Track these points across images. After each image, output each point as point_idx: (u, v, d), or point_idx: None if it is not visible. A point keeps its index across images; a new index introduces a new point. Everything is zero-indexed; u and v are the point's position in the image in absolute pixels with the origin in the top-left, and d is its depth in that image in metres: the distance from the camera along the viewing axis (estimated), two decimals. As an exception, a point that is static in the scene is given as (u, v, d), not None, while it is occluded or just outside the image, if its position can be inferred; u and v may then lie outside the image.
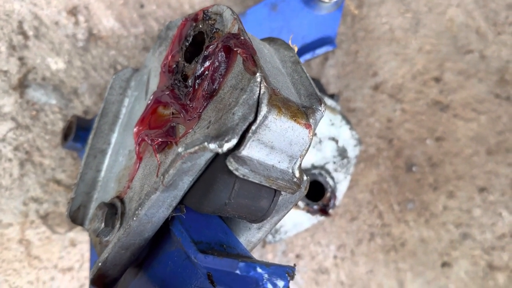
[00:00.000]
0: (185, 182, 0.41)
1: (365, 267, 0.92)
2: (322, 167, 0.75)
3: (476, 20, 0.95)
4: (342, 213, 0.91)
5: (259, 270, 0.37)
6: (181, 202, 0.43)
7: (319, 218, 0.75)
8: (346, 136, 0.75)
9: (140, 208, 0.41)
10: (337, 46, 0.86)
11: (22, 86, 0.78)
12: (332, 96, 0.74)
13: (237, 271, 0.37)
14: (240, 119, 0.38)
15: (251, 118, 0.38)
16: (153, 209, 0.41)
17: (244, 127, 0.38)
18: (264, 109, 0.38)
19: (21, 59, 0.77)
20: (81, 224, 0.57)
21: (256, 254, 0.88)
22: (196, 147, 0.37)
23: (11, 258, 0.79)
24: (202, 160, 0.39)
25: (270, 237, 0.75)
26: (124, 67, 0.80)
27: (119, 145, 0.57)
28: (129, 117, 0.57)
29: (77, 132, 0.69)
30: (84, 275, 0.82)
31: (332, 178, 0.75)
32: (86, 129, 0.69)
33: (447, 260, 0.96)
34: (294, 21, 0.74)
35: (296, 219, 0.75)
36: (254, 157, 0.40)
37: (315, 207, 0.74)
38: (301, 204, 0.74)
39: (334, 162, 0.75)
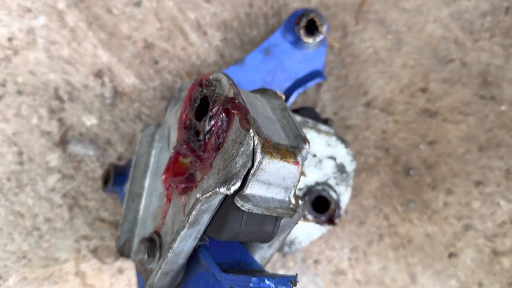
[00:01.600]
0: (205, 219, 0.53)
1: (378, 265, 1.02)
2: (325, 183, 0.86)
3: (453, 32, 1.05)
4: (351, 219, 1.02)
5: (267, 282, 0.48)
6: (204, 233, 0.56)
7: (327, 227, 0.86)
8: (342, 154, 0.86)
9: (173, 242, 0.53)
10: (327, 74, 0.98)
11: (63, 142, 0.92)
12: (326, 121, 0.86)
13: (251, 284, 0.49)
14: (241, 166, 0.50)
15: (249, 165, 0.50)
16: (183, 242, 0.54)
17: (245, 172, 0.50)
18: (258, 157, 0.50)
19: (60, 120, 0.92)
20: (128, 256, 0.70)
21: (278, 264, 0.99)
22: (210, 192, 0.50)
23: (70, 288, 0.93)
24: (216, 201, 0.52)
25: (287, 248, 0.87)
26: (147, 116, 0.94)
27: (151, 188, 0.70)
28: (157, 165, 0.70)
29: (115, 178, 0.82)
30: (133, 297, 0.96)
31: (335, 191, 0.86)
32: (122, 174, 0.82)
33: (453, 251, 1.05)
34: (286, 61, 0.86)
35: (308, 230, 0.87)
36: (256, 194, 0.52)
37: (323, 218, 0.85)
38: (310, 217, 0.85)
39: (335, 178, 0.86)
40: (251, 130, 0.51)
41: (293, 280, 0.50)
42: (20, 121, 0.90)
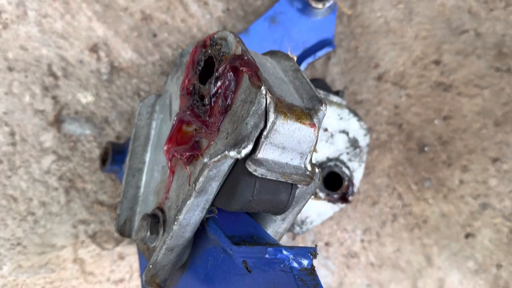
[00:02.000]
0: (214, 187, 0.48)
1: (392, 246, 0.97)
2: (337, 159, 0.81)
3: (467, 1, 1.00)
4: (363, 199, 0.97)
5: (285, 252, 0.43)
6: (213, 204, 0.51)
7: (340, 205, 0.81)
8: (355, 127, 0.81)
9: (179, 214, 0.48)
10: (337, 46, 0.92)
11: (58, 121, 0.86)
12: (337, 93, 0.81)
13: (267, 255, 0.43)
14: (253, 127, 0.45)
15: (261, 126, 0.45)
16: (190, 213, 0.49)
17: (257, 134, 0.45)
18: (272, 116, 0.45)
19: (54, 97, 0.86)
20: (129, 236, 0.65)
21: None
22: (219, 156, 0.45)
23: (69, 276, 0.88)
24: (225, 166, 0.46)
25: (297, 228, 0.82)
26: (146, 93, 0.88)
27: (153, 163, 0.65)
28: (158, 137, 0.65)
29: (114, 156, 0.77)
30: (135, 284, 0.91)
31: (348, 167, 0.81)
32: (121, 152, 0.77)
33: (470, 231, 1.00)
34: (294, 30, 0.81)
35: (320, 209, 0.82)
36: (269, 158, 0.47)
37: (335, 196, 0.80)
38: (322, 195, 0.80)
39: (348, 153, 0.81)
40: (263, 87, 0.46)
41: (313, 251, 0.45)
42: (12, 100, 0.85)
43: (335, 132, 0.80)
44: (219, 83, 0.52)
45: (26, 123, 0.85)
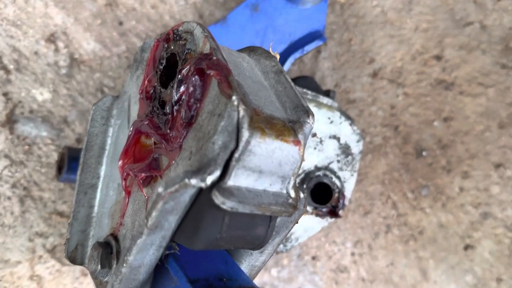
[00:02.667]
0: (171, 222, 0.38)
1: (385, 260, 0.89)
2: (327, 168, 0.71)
3: (473, -11, 0.90)
4: (355, 208, 0.88)
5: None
6: (172, 240, 0.41)
7: (329, 220, 0.72)
8: (348, 132, 0.72)
9: (128, 254, 0.38)
10: (328, 38, 0.82)
11: (10, 121, 0.76)
12: (327, 93, 0.71)
13: (236, 314, 0.34)
14: (221, 148, 0.36)
15: (232, 146, 0.35)
16: (142, 253, 0.39)
17: (226, 156, 0.35)
18: (245, 134, 0.35)
19: (5, 94, 0.75)
20: (81, 263, 0.55)
21: (271, 262, 0.86)
22: (177, 186, 0.35)
23: (24, 295, 0.79)
24: (186, 196, 0.37)
25: (281, 246, 0.73)
26: (111, 89, 0.78)
27: (108, 178, 0.55)
28: (115, 148, 0.55)
29: (70, 163, 0.67)
30: (100, 303, 0.81)
31: (338, 177, 0.72)
32: (78, 159, 0.67)
33: (469, 242, 0.92)
34: (279, 20, 0.70)
35: (306, 224, 0.72)
36: (242, 185, 0.38)
37: (324, 210, 0.71)
38: (309, 208, 0.71)
39: (338, 161, 0.72)
40: (234, 97, 0.36)
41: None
42: (-45, 96, 0.74)
43: (325, 138, 0.71)
44: (182, 88, 0.42)
45: (-27, 123, 0.74)
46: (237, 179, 0.36)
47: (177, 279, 0.41)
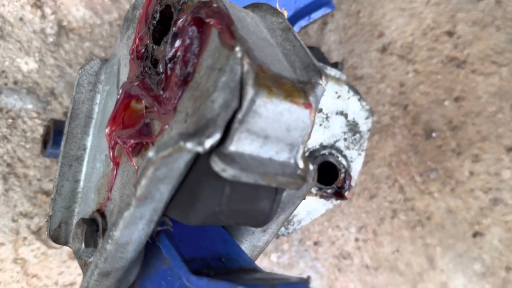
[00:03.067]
0: (164, 192, 0.33)
1: (391, 246, 0.85)
2: (332, 146, 0.67)
3: (488, -38, 0.85)
4: (360, 192, 0.83)
5: (262, 292, 0.29)
6: (165, 214, 0.36)
7: (334, 202, 0.68)
8: (356, 109, 0.67)
9: (114, 229, 0.34)
10: (336, 8, 0.77)
11: (-7, 93, 0.70)
12: (335, 65, 0.66)
13: (237, 294, 0.29)
14: (222, 107, 0.31)
15: (234, 105, 0.30)
16: (129, 228, 0.34)
17: (228, 116, 0.30)
18: (249, 92, 0.30)
19: (-13, 63, 0.70)
20: (65, 243, 0.50)
21: (271, 246, 0.81)
22: (170, 149, 0.30)
23: (8, 279, 0.74)
24: (180, 163, 0.32)
25: (282, 229, 0.68)
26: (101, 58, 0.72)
27: (95, 149, 0.50)
28: (103, 116, 0.50)
29: (55, 137, 0.62)
30: (88, 288, 0.76)
31: (345, 157, 0.67)
32: (65, 133, 0.62)
33: (478, 229, 0.88)
34: (284, -16, 0.65)
35: (310, 206, 0.68)
36: (246, 152, 0.33)
37: (329, 191, 0.67)
38: (313, 189, 0.66)
39: (345, 139, 0.67)
40: (237, 48, 0.31)
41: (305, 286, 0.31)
42: None
43: (331, 114, 0.66)
44: (177, 43, 0.37)
45: (-48, 93, 0.69)
46: (240, 144, 0.32)
47: (169, 259, 0.36)
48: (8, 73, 0.71)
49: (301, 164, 0.37)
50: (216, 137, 0.30)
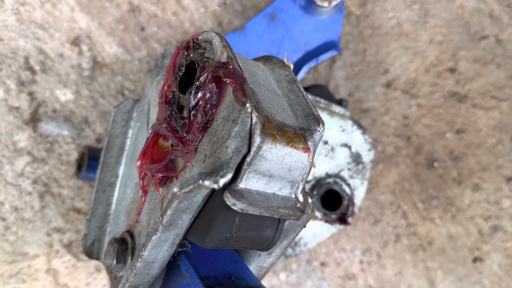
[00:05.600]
0: (185, 220, 0.40)
1: (393, 269, 0.90)
2: (337, 175, 0.73)
3: (489, 4, 0.91)
4: (365, 217, 0.89)
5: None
6: (185, 238, 0.43)
7: (338, 227, 0.74)
8: (359, 141, 0.73)
9: (143, 249, 0.41)
10: (343, 48, 0.84)
11: (34, 120, 0.79)
12: (340, 102, 0.73)
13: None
14: (234, 152, 0.38)
15: (244, 151, 0.37)
16: (156, 249, 0.41)
17: (238, 160, 0.37)
18: (257, 140, 0.37)
19: (30, 94, 0.79)
20: (97, 258, 0.57)
21: (280, 265, 0.87)
22: (191, 186, 0.37)
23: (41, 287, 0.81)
24: (199, 197, 0.39)
25: (290, 250, 0.74)
26: (131, 92, 0.81)
27: (126, 177, 0.57)
28: (134, 148, 0.57)
29: (89, 162, 0.70)
30: (112, 299, 0.84)
31: (348, 185, 0.73)
32: (98, 158, 0.70)
33: (478, 255, 0.92)
34: (295, 29, 0.72)
35: (315, 230, 0.74)
36: (253, 188, 0.40)
37: (333, 216, 0.73)
38: (318, 215, 0.72)
39: (349, 169, 0.73)
40: (248, 104, 0.38)
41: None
42: (-16, 94, 0.77)
43: (336, 146, 0.72)
44: (199, 94, 0.45)
45: (0, 120, 0.78)
46: (248, 182, 0.38)
47: (188, 276, 0.43)
48: (48, 102, 0.79)
49: (301, 198, 0.43)
50: (228, 177, 0.37)
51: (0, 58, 0.77)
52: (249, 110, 0.38)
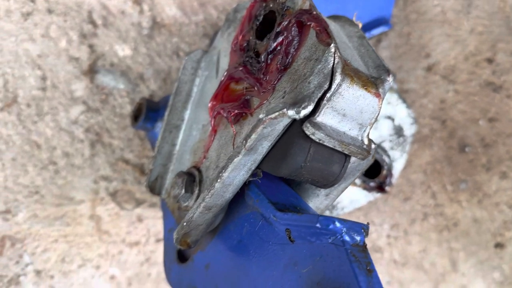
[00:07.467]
0: (264, 147, 0.44)
1: (418, 246, 0.93)
2: (379, 145, 0.77)
3: (531, 0, 0.94)
4: (396, 193, 0.92)
5: (337, 224, 0.40)
6: (259, 167, 0.47)
7: (375, 195, 0.77)
8: (403, 115, 0.77)
9: (223, 171, 0.45)
10: (392, 27, 0.88)
11: (92, 72, 0.83)
12: (387, 76, 0.76)
13: (318, 225, 0.40)
14: (316, 87, 0.41)
15: (326, 86, 0.41)
16: (235, 172, 0.45)
17: (320, 94, 0.41)
18: (338, 78, 0.41)
19: (91, 46, 0.83)
20: (158, 193, 0.61)
21: (310, 232, 0.91)
22: (277, 113, 0.41)
23: (83, 232, 0.86)
24: (281, 125, 0.43)
25: (327, 212, 0.78)
26: (185, 53, 0.85)
27: (192, 121, 0.61)
28: (201, 95, 0.61)
29: (147, 113, 0.74)
30: (150, 249, 0.88)
31: (388, 156, 0.77)
32: (155, 110, 0.74)
33: (500, 240, 0.96)
34: (350, 3, 0.76)
35: (353, 196, 0.78)
36: (328, 124, 0.43)
37: (372, 184, 0.76)
38: (357, 181, 0.76)
39: (391, 141, 0.77)
40: (332, 45, 0.42)
41: (366, 228, 0.41)
42: (47, 43, 0.81)
43: (380, 117, 0.76)
44: (280, 39, 0.48)
45: (59, 69, 0.82)
46: (325, 117, 0.42)
47: (258, 201, 0.46)
48: (107, 56, 0.84)
49: (366, 141, 0.47)
50: (310, 108, 0.41)
51: (66, 10, 0.82)
52: (332, 50, 0.41)
